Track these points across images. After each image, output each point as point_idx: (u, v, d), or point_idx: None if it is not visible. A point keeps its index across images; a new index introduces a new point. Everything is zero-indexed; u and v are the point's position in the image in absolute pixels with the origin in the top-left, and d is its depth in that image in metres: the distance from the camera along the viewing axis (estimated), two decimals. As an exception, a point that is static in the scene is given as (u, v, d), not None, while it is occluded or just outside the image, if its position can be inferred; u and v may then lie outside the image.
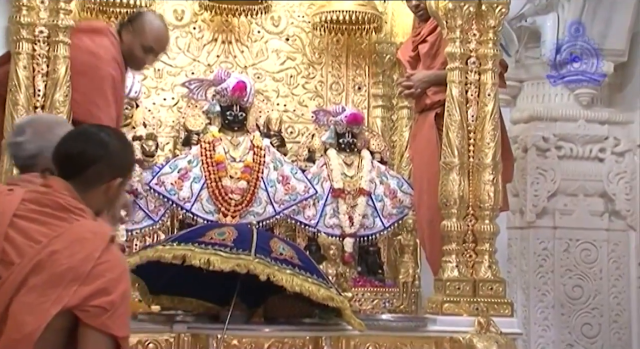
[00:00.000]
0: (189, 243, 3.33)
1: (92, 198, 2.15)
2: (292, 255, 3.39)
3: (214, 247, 3.28)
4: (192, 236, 3.41)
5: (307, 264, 3.42)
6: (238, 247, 3.29)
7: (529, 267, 5.05)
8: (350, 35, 4.88)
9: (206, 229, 3.51)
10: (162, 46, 3.81)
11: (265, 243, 3.37)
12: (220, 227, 3.55)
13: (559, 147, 5.12)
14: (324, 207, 4.50)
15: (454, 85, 3.98)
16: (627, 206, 5.13)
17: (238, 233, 3.39)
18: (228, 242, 3.32)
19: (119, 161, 2.19)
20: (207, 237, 3.35)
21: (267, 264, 3.26)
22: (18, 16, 3.62)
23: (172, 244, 3.35)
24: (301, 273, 3.32)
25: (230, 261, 3.24)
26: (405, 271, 4.40)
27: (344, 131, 4.59)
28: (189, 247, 3.29)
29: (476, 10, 4.00)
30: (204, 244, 3.31)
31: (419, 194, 4.33)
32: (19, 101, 3.55)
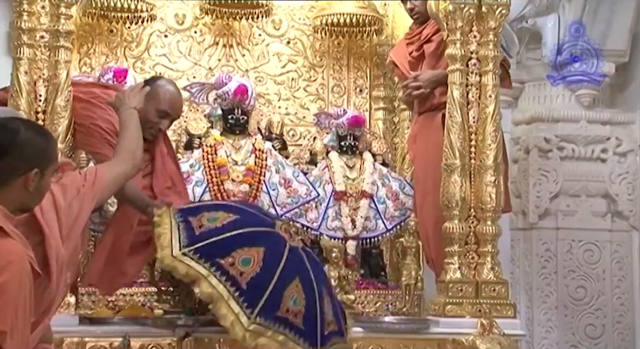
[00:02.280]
0: (209, 261, 3.16)
1: (8, 193, 2.09)
2: (299, 311, 3.20)
3: (226, 284, 3.13)
4: (219, 249, 3.21)
5: (308, 324, 3.22)
6: (249, 294, 3.14)
7: (531, 268, 5.05)
8: (351, 38, 4.89)
9: (237, 243, 3.23)
10: (177, 111, 3.76)
11: (278, 293, 3.18)
12: (251, 244, 3.25)
13: (561, 148, 5.12)
14: (326, 210, 4.50)
15: (454, 87, 3.98)
16: (630, 206, 5.13)
17: (262, 265, 3.18)
18: (243, 282, 3.14)
19: (31, 151, 2.12)
20: (230, 259, 3.17)
21: (262, 331, 3.14)
22: (19, 22, 3.62)
23: (195, 253, 3.19)
24: (293, 338, 3.17)
25: (229, 316, 3.13)
26: (408, 273, 4.39)
27: (346, 134, 4.59)
28: (204, 271, 3.14)
29: (476, 12, 4.00)
30: (222, 271, 3.15)
31: (421, 196, 4.32)
32: (20, 106, 3.56)
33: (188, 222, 3.30)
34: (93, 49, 4.64)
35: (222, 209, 3.44)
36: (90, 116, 3.57)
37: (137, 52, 4.69)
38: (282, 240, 3.31)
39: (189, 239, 3.24)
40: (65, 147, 3.60)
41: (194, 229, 3.28)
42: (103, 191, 2.60)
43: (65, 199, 2.38)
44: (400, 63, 4.48)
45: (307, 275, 3.30)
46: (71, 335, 3.46)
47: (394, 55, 4.56)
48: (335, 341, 3.34)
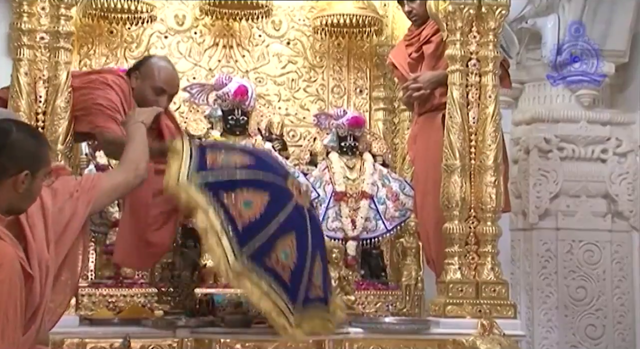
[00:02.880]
0: (213, 194, 3.13)
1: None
2: (288, 266, 3.20)
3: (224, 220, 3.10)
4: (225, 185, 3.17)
5: (294, 281, 3.21)
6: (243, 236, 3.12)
7: (532, 269, 5.05)
8: (351, 39, 4.89)
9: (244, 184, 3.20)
10: (173, 86, 3.75)
11: (272, 242, 3.18)
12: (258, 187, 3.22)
13: (561, 148, 5.12)
14: (327, 211, 4.50)
15: (454, 88, 3.98)
16: (630, 206, 5.13)
17: (263, 212, 3.16)
18: (239, 224, 3.12)
19: (22, 152, 2.11)
20: (233, 197, 3.15)
21: (247, 274, 3.11)
22: (19, 23, 3.62)
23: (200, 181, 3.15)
24: (276, 291, 3.15)
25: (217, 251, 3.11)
26: (408, 273, 4.40)
27: (346, 134, 4.60)
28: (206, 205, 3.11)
29: (476, 13, 4.00)
30: (224, 208, 3.12)
31: (422, 196, 4.32)
32: (21, 107, 3.56)
33: (203, 155, 3.26)
34: (93, 50, 4.64)
35: (240, 151, 3.44)
36: (90, 98, 3.57)
37: (137, 53, 4.69)
38: (289, 194, 3.31)
39: (199, 166, 3.21)
40: (65, 148, 3.60)
41: (207, 162, 3.25)
42: (100, 198, 2.58)
43: (54, 203, 2.36)
44: (400, 65, 4.48)
45: (305, 235, 3.30)
46: (71, 336, 3.46)
47: (394, 56, 4.56)
48: (318, 306, 3.33)
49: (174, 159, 3.23)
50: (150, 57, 3.85)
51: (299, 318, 3.21)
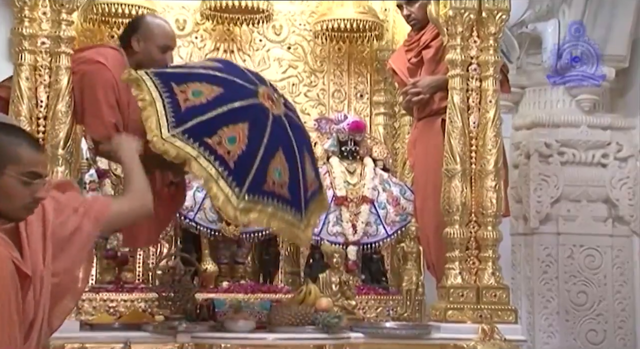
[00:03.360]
0: (198, 141, 3.20)
1: None
2: (284, 182, 3.37)
3: (215, 164, 3.19)
4: (206, 128, 3.23)
5: (293, 192, 3.40)
6: (236, 172, 3.23)
7: (533, 273, 5.04)
8: (351, 43, 4.89)
9: (222, 121, 3.27)
10: (175, 41, 3.82)
11: (264, 168, 3.29)
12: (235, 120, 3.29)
13: (562, 153, 5.12)
14: (327, 215, 4.49)
15: (455, 92, 3.98)
16: (631, 211, 5.13)
17: (247, 143, 3.26)
18: (230, 161, 3.22)
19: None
20: (217, 138, 3.22)
21: (251, 207, 3.26)
22: (20, 28, 3.63)
23: (183, 134, 3.20)
24: (281, 208, 3.34)
25: (220, 196, 3.21)
26: (409, 278, 4.39)
27: (346, 139, 4.59)
28: (194, 152, 3.19)
29: (477, 17, 4.01)
30: (210, 151, 3.20)
31: (422, 201, 4.32)
32: (22, 112, 3.56)
33: (173, 96, 3.28)
34: (94, 55, 4.63)
35: (205, 79, 3.41)
36: (78, 94, 3.59)
37: (138, 57, 4.68)
38: (265, 111, 3.38)
39: (176, 119, 3.23)
40: (65, 153, 3.60)
41: (180, 105, 3.27)
42: (109, 222, 2.49)
43: (57, 217, 2.31)
44: (399, 70, 4.48)
45: (290, 143, 3.42)
46: (72, 341, 3.46)
47: (393, 62, 4.57)
48: (314, 199, 3.55)
49: (146, 108, 3.25)
50: (142, 17, 3.85)
51: (307, 219, 3.48)
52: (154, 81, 3.32)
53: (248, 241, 4.40)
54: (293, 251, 4.61)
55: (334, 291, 4.09)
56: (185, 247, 4.30)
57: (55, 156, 3.58)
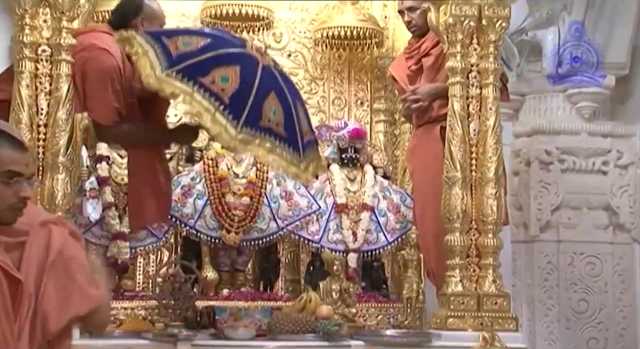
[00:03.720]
0: (192, 80, 3.31)
1: None
2: (280, 121, 3.43)
3: (210, 99, 3.30)
4: (198, 69, 3.35)
5: (289, 132, 3.48)
6: (232, 107, 3.32)
7: (533, 281, 5.03)
8: (352, 51, 4.90)
9: (213, 63, 3.39)
10: (164, 17, 3.99)
11: (258, 105, 3.39)
12: (227, 63, 3.43)
13: (562, 160, 5.11)
14: (328, 223, 4.49)
15: (455, 100, 3.99)
16: (631, 218, 5.12)
17: (240, 81, 3.37)
18: (225, 97, 3.32)
19: None
20: (210, 77, 3.34)
21: (250, 139, 3.35)
22: (21, 35, 3.63)
23: (177, 74, 3.32)
24: (279, 146, 3.43)
25: (216, 128, 3.31)
26: (409, 286, 4.38)
27: (347, 146, 4.59)
28: (189, 88, 3.30)
29: (477, 25, 4.02)
30: (204, 88, 3.31)
31: (421, 208, 4.33)
32: (22, 120, 3.56)
33: (164, 45, 3.40)
34: (95, 63, 4.63)
35: (194, 33, 3.61)
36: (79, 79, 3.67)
37: (137, 71, 4.69)
38: (254, 59, 3.48)
39: (168, 62, 3.35)
40: (66, 160, 3.60)
41: (171, 52, 3.39)
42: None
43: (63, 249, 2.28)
44: (400, 77, 4.49)
45: (281, 89, 3.53)
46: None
47: (393, 69, 4.58)
48: (312, 152, 3.64)
49: (140, 58, 3.37)
50: (136, 3, 3.86)
51: (305, 163, 3.53)
52: (144, 37, 3.45)
53: (248, 248, 4.40)
54: (293, 259, 4.61)
55: (335, 298, 4.08)
56: (185, 254, 4.30)
57: (55, 163, 3.58)
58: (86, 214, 4.12)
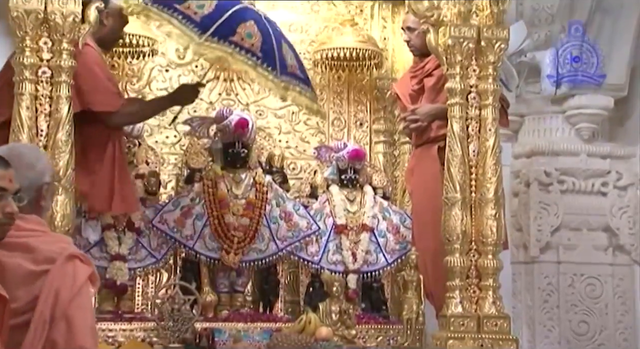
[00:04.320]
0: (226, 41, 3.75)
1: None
2: (255, 43, 3.79)
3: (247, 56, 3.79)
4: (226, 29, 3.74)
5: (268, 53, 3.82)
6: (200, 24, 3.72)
7: (534, 302, 5.02)
8: (351, 72, 4.92)
9: (234, 22, 3.80)
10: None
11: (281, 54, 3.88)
12: (244, 20, 3.87)
13: (562, 181, 5.12)
14: (327, 244, 4.48)
15: (454, 121, 4.00)
16: (631, 240, 5.12)
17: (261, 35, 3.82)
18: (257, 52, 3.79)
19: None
20: (238, 36, 3.77)
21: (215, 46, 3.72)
22: (21, 57, 3.63)
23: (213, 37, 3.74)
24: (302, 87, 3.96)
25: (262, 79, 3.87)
26: (409, 307, 4.37)
27: (346, 167, 4.59)
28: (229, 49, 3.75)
29: (475, 47, 4.03)
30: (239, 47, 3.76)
31: (421, 228, 4.32)
32: (22, 141, 3.55)
33: (180, 11, 3.76)
34: (95, 84, 4.65)
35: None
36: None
37: (138, 86, 4.71)
38: (256, 11, 3.92)
39: (198, 27, 3.74)
40: (65, 181, 3.60)
41: (192, 17, 3.75)
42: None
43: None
44: (403, 95, 4.52)
45: (265, 24, 3.90)
46: (70, 371, 3.42)
47: (398, 87, 4.60)
48: (301, 87, 3.99)
49: (163, 26, 3.77)
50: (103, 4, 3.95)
51: (284, 86, 3.92)
52: (156, 7, 3.76)
53: (248, 269, 4.39)
54: (293, 280, 4.60)
55: (334, 320, 4.07)
56: (185, 276, 4.28)
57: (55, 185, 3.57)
58: (85, 235, 4.11)
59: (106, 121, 3.96)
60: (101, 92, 3.88)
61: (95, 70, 3.84)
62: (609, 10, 5.08)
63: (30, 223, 2.37)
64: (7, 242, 2.29)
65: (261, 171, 4.49)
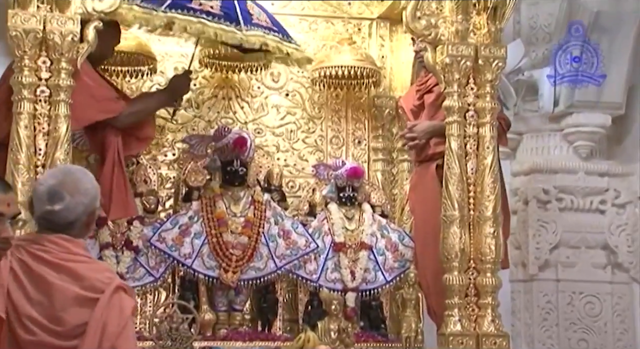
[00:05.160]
0: (253, 25, 4.06)
1: None
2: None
3: (277, 34, 4.14)
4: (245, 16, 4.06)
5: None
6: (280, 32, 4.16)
7: (533, 320, 5.01)
8: (349, 90, 4.93)
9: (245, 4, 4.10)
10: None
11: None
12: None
13: (560, 199, 5.12)
14: (326, 262, 4.48)
15: (453, 139, 4.00)
16: (630, 258, 5.11)
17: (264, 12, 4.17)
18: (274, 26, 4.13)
19: None
20: (255, 18, 4.08)
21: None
22: (20, 76, 3.65)
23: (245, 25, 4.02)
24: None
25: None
26: (408, 325, 4.36)
27: (345, 185, 4.59)
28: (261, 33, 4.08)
29: (473, 65, 4.05)
30: (262, 27, 4.08)
31: (421, 246, 4.32)
32: (20, 160, 3.56)
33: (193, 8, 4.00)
34: (93, 103, 4.66)
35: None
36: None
37: (136, 105, 4.71)
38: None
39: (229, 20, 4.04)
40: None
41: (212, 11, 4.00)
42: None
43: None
44: (407, 109, 4.54)
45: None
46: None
47: (403, 100, 4.63)
48: (279, 36, 4.20)
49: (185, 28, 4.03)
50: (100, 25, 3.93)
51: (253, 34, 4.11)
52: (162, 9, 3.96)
53: (246, 288, 4.38)
54: (291, 298, 4.59)
55: (333, 338, 4.05)
56: (183, 294, 4.27)
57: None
58: (83, 254, 4.10)
59: (112, 123, 4.02)
60: (99, 101, 3.92)
61: (89, 83, 3.85)
62: (606, 29, 5.10)
63: (77, 247, 2.39)
64: (56, 264, 2.32)
65: (259, 189, 4.50)
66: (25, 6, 3.67)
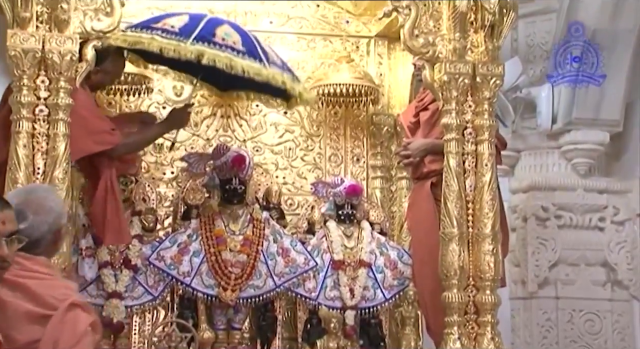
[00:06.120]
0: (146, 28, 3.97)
1: None
2: (236, 40, 4.00)
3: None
4: (206, 33, 3.99)
5: (250, 48, 4.04)
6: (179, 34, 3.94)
7: (532, 338, 4.99)
8: (347, 108, 4.94)
9: (210, 26, 4.05)
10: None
11: (211, 28, 3.99)
12: (219, 24, 4.11)
13: (559, 216, 5.12)
14: (325, 280, 4.47)
15: (451, 156, 4.01)
16: (629, 275, 5.10)
17: (189, 18, 4.04)
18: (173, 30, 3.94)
19: None
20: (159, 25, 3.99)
21: (204, 48, 3.90)
22: (19, 96, 3.65)
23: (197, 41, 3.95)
24: (236, 56, 3.95)
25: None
26: (407, 343, 4.35)
27: (343, 203, 4.59)
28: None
29: (471, 82, 4.06)
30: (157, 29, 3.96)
31: (419, 264, 4.31)
32: (19, 179, 3.56)
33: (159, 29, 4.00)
34: (92, 121, 4.66)
35: (170, 16, 4.15)
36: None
37: (135, 123, 4.71)
38: (221, 19, 4.26)
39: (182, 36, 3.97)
40: (62, 219, 3.59)
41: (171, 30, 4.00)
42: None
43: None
44: (406, 125, 4.55)
45: (238, 26, 4.18)
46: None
47: (403, 116, 4.66)
48: (293, 76, 4.21)
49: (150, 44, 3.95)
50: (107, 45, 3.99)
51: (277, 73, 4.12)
52: (134, 31, 4.00)
53: (245, 306, 4.37)
54: (290, 316, 4.58)
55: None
56: (182, 313, 4.26)
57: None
58: (82, 273, 4.10)
59: (108, 153, 4.02)
60: (95, 133, 3.91)
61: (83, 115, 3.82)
62: (604, 47, 5.12)
63: (35, 264, 2.38)
64: (12, 282, 2.31)
65: (258, 207, 4.50)
66: (24, 26, 3.68)
